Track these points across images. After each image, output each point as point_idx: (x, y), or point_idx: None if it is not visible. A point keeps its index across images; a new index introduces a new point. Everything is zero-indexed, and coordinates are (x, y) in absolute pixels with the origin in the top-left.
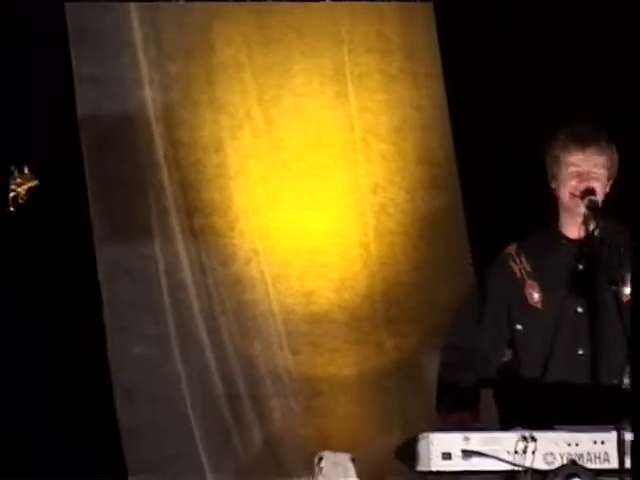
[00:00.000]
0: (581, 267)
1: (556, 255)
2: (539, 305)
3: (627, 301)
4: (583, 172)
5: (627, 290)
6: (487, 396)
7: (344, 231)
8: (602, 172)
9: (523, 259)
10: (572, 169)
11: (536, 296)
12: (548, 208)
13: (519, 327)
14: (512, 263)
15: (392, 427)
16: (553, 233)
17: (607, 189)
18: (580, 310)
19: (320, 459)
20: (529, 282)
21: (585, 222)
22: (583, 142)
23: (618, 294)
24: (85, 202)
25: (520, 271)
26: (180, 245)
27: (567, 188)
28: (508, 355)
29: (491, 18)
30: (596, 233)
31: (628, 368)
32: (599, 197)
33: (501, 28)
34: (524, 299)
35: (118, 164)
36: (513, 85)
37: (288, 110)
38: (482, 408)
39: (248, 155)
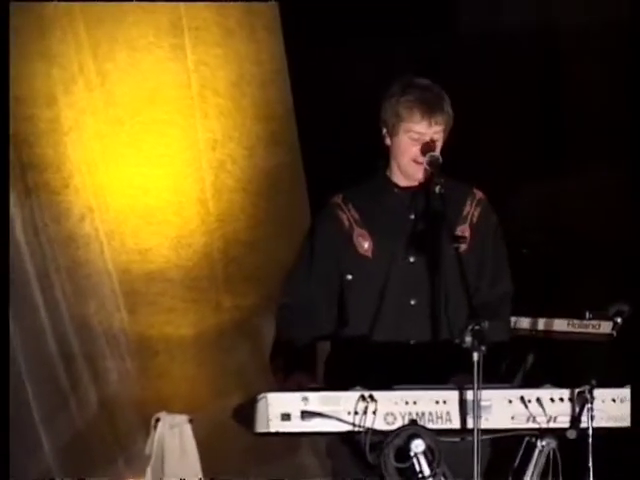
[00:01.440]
0: (412, 217)
1: (386, 203)
2: (369, 254)
3: (462, 251)
4: (425, 140)
5: (463, 246)
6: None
7: (181, 188)
8: (441, 135)
9: (351, 207)
10: (414, 135)
11: (366, 245)
12: (378, 160)
13: (349, 277)
14: (339, 212)
15: (231, 388)
16: (383, 181)
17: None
18: (412, 260)
19: (157, 420)
20: (358, 230)
21: (425, 177)
22: (430, 111)
23: (458, 251)
24: None
25: (348, 220)
26: (13, 202)
27: (407, 153)
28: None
29: None
30: (437, 189)
31: (471, 327)
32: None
33: None
34: (353, 248)
35: None
36: (351, 39)
37: (123, 64)
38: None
39: (82, 110)
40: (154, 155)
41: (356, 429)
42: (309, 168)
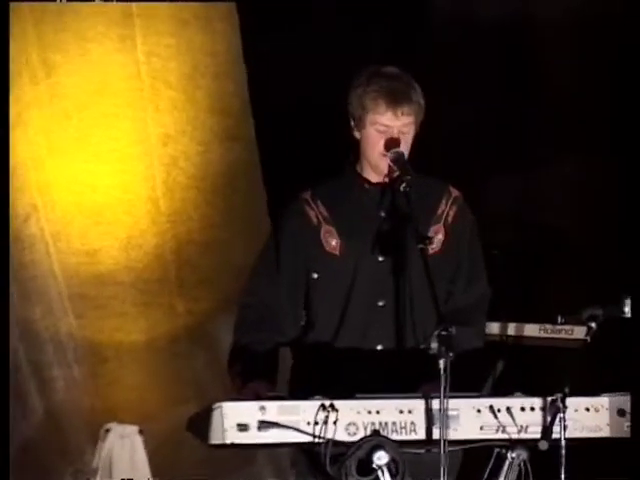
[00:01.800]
0: (383, 214)
1: (355, 199)
2: (336, 251)
3: (435, 252)
4: (392, 132)
5: (434, 246)
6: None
7: (131, 185)
8: (411, 127)
9: (319, 203)
10: (380, 127)
11: (333, 242)
12: (348, 155)
13: (315, 276)
14: (307, 208)
15: (184, 397)
16: (353, 176)
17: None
18: (381, 259)
19: (106, 431)
20: (326, 227)
21: (390, 173)
22: (396, 101)
23: (424, 252)
24: None
25: (316, 216)
26: None
27: (376, 147)
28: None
29: None
30: (402, 187)
31: (438, 332)
32: (405, 149)
33: None
34: (320, 245)
35: None
36: (310, 31)
37: (70, 55)
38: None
39: (27, 104)
40: (103, 151)
41: (316, 440)
42: (267, 165)
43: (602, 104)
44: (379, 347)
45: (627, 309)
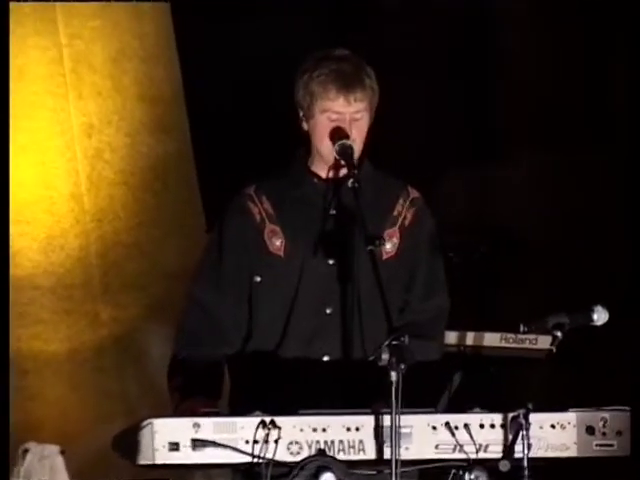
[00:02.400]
0: (333, 212)
1: (303, 196)
2: (280, 253)
3: (389, 257)
4: (343, 119)
5: (388, 246)
6: None
7: (52, 181)
8: (364, 114)
9: (264, 199)
10: (331, 115)
11: (277, 242)
12: (297, 148)
13: (257, 279)
14: (251, 205)
15: (111, 413)
16: (301, 171)
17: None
18: (331, 262)
19: (24, 452)
20: (270, 226)
21: (336, 167)
22: (347, 86)
23: (374, 254)
24: None
25: (260, 214)
26: None
27: (327, 139)
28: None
29: None
30: (349, 183)
31: (388, 342)
32: (358, 142)
33: None
34: (264, 246)
35: None
36: (251, 9)
37: None
38: None
39: None
40: (20, 142)
41: (255, 460)
42: (201, 158)
43: (565, 100)
44: (325, 358)
45: (596, 317)
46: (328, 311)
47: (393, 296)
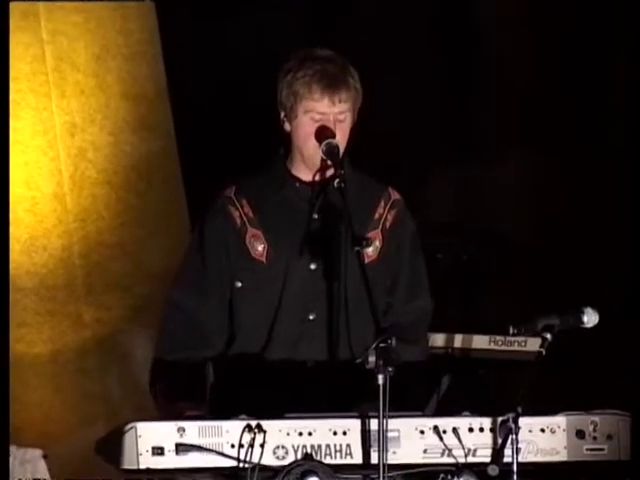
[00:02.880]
0: (316, 216)
1: (285, 199)
2: (263, 258)
3: (371, 260)
4: (327, 120)
5: (370, 249)
6: None
7: (34, 181)
8: (348, 115)
9: (244, 203)
10: (315, 116)
11: (260, 247)
12: (277, 149)
13: (238, 284)
14: (231, 208)
15: (94, 416)
16: (282, 173)
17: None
18: (313, 267)
19: None
20: (251, 230)
21: (322, 169)
22: (332, 86)
23: (360, 256)
24: None
25: (241, 217)
26: None
27: (310, 139)
28: None
29: None
30: (335, 183)
31: (375, 344)
32: (341, 143)
33: None
34: (245, 251)
35: None
36: (235, 6)
37: None
38: None
39: None
40: None
41: (241, 465)
42: (186, 157)
43: (552, 100)
44: (309, 363)
45: (586, 319)
46: (311, 317)
47: (376, 299)
